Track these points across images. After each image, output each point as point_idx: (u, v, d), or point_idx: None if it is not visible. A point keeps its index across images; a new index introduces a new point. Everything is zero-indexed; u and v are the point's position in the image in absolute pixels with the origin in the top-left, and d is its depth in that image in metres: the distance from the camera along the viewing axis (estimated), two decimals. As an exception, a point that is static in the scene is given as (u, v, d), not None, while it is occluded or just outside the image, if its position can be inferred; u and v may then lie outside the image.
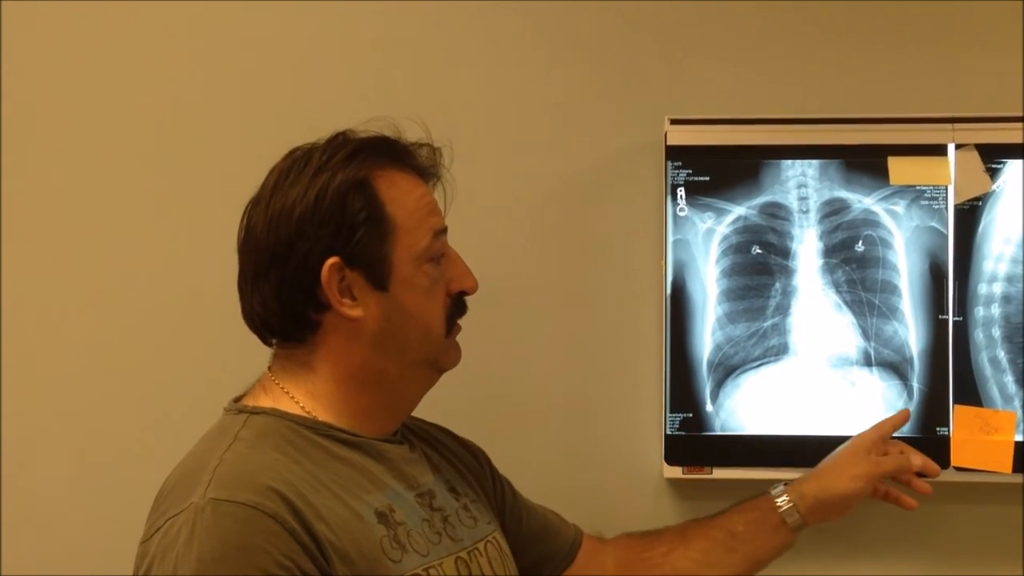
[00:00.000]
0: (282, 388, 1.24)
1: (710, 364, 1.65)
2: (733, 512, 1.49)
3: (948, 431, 1.63)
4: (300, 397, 1.23)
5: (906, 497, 1.51)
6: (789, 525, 1.46)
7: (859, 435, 1.52)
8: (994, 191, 1.63)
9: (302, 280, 1.20)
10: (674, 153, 1.66)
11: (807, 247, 1.65)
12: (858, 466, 1.47)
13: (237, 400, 1.26)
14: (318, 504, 1.12)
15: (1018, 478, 1.62)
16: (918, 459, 1.50)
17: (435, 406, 1.35)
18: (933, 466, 1.51)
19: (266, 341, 1.27)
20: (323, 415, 1.22)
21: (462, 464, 1.40)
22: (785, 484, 1.49)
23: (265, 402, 1.23)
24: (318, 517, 1.12)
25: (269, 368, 1.27)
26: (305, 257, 1.19)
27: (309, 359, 1.24)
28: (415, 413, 1.34)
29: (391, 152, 1.27)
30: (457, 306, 1.30)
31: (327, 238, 1.19)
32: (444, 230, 1.28)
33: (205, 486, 1.10)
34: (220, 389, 1.30)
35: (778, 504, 1.46)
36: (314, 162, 1.22)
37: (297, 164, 1.23)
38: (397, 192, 1.24)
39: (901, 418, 1.56)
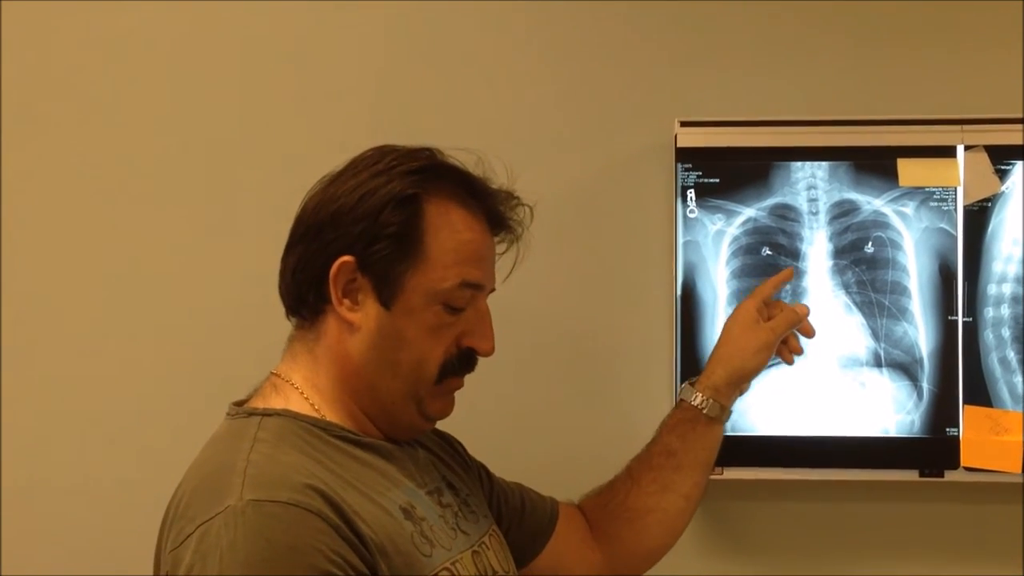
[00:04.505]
0: (291, 384, 1.23)
1: (720, 365, 1.65)
2: (663, 434, 1.51)
3: (958, 432, 1.63)
4: (307, 391, 1.23)
5: (786, 355, 1.54)
6: (716, 419, 1.49)
7: (743, 305, 1.52)
8: (1003, 192, 1.64)
9: (315, 266, 1.20)
10: (684, 155, 1.66)
11: (817, 249, 1.65)
12: (757, 338, 1.49)
13: (241, 404, 1.25)
14: (352, 501, 1.12)
15: (1019, 478, 1.63)
16: (802, 306, 1.54)
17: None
18: (803, 307, 1.54)
19: (288, 313, 1.27)
20: (330, 415, 1.22)
21: (448, 457, 1.39)
22: (691, 383, 1.50)
23: (276, 402, 1.22)
24: (355, 513, 1.11)
25: (275, 371, 1.26)
26: (326, 246, 1.20)
27: (313, 346, 1.24)
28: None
29: (463, 185, 1.25)
30: (461, 361, 1.26)
31: (351, 237, 1.19)
32: (478, 285, 1.24)
33: (239, 488, 1.08)
34: (222, 391, 1.29)
35: (698, 406, 1.48)
36: (382, 163, 1.22)
37: (370, 159, 1.23)
38: (443, 224, 1.22)
39: (785, 276, 1.57)
